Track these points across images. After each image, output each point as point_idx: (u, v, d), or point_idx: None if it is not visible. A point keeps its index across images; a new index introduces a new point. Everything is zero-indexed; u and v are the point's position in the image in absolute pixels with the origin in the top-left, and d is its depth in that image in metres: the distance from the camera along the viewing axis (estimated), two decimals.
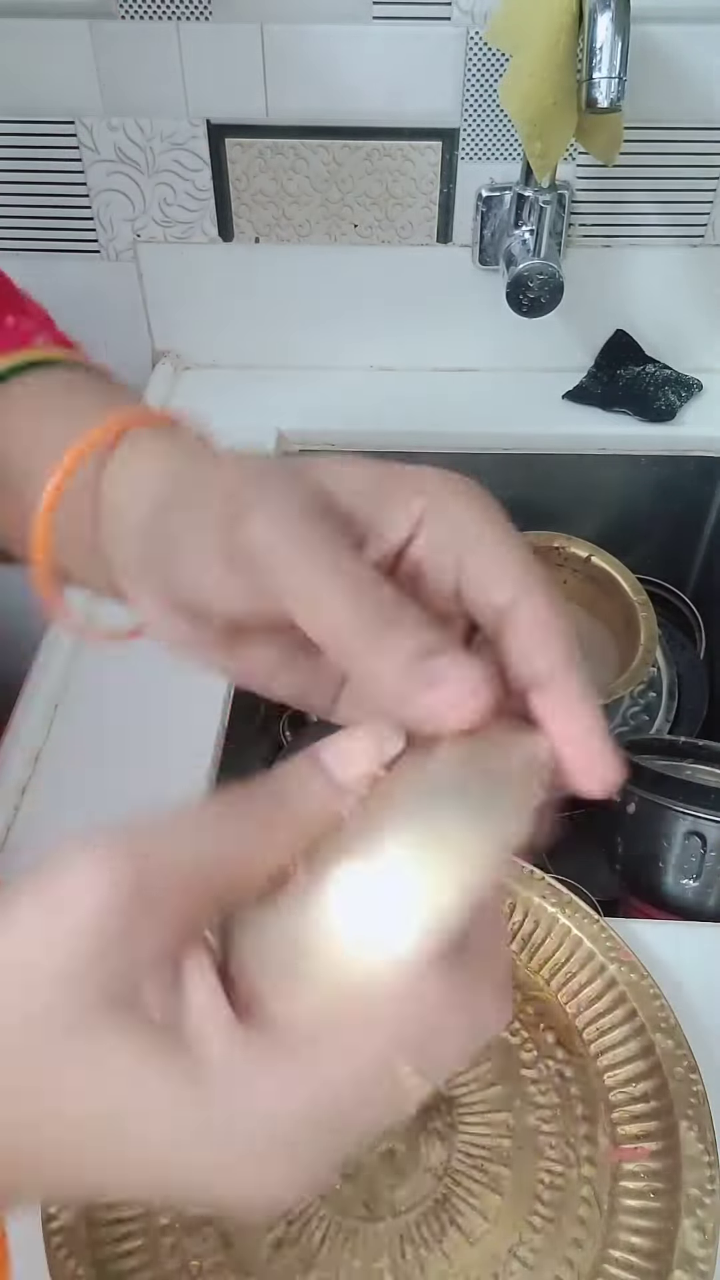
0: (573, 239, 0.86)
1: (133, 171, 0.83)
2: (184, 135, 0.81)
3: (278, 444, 0.88)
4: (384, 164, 0.82)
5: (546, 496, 0.93)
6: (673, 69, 0.76)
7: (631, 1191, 0.45)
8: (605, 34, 0.62)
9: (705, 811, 0.60)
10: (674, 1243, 0.42)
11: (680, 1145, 0.44)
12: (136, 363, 0.95)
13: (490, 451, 0.91)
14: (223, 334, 0.94)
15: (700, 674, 0.91)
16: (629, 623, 0.77)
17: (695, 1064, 0.47)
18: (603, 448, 0.90)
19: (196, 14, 0.75)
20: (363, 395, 0.92)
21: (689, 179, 0.82)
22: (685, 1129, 0.45)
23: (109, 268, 0.89)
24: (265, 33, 0.75)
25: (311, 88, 0.78)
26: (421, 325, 0.92)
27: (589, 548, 0.80)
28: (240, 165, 0.82)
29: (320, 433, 0.90)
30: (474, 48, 0.76)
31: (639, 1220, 0.44)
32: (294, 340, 0.94)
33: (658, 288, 0.89)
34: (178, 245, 0.87)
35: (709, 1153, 0.44)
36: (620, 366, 0.92)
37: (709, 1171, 0.43)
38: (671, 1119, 0.45)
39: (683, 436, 0.90)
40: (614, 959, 0.50)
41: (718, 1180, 0.43)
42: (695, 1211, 0.42)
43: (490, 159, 0.81)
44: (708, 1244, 0.41)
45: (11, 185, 0.84)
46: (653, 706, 0.85)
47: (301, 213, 0.85)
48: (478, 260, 0.87)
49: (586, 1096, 0.48)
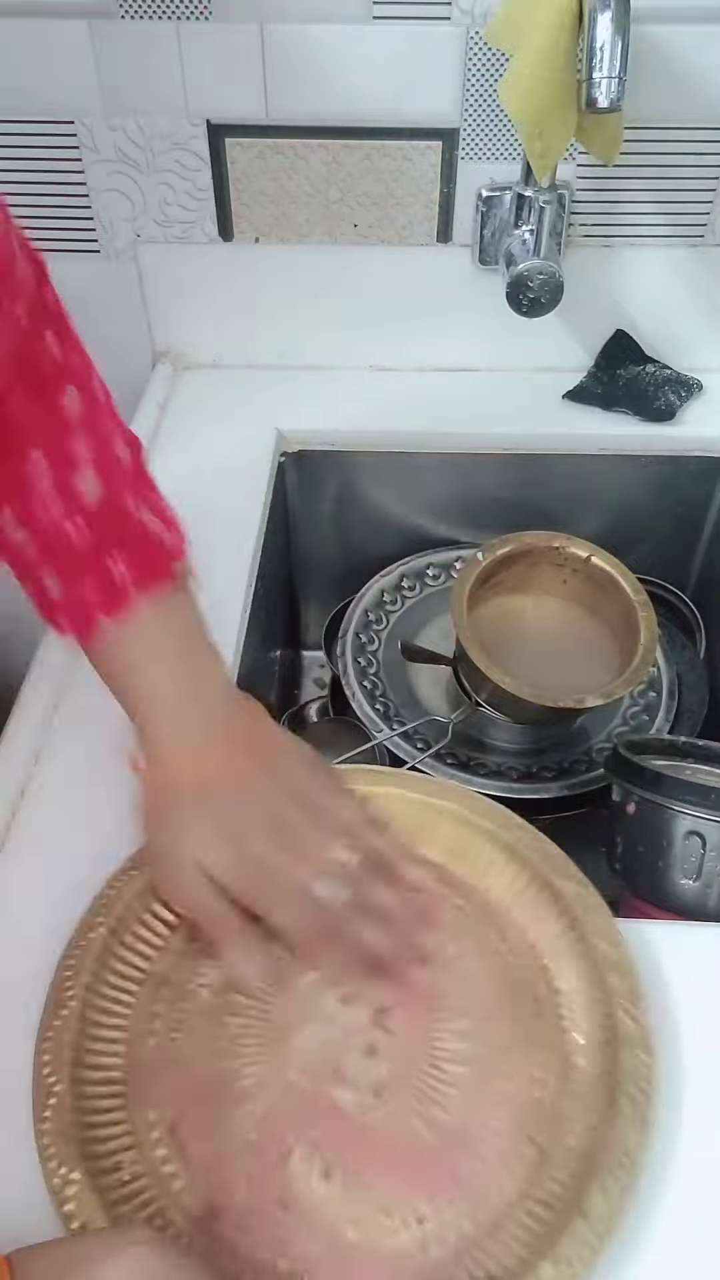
0: (573, 239, 0.86)
1: (133, 171, 0.83)
2: (184, 135, 0.81)
3: (277, 444, 0.88)
4: (384, 164, 0.82)
5: (546, 496, 0.93)
6: (673, 69, 0.76)
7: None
8: (605, 34, 0.62)
9: (705, 811, 0.60)
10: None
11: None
12: (136, 363, 0.95)
13: (490, 451, 0.91)
14: (223, 334, 0.94)
15: (700, 674, 0.91)
16: (629, 623, 0.76)
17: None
18: (603, 448, 0.90)
19: (196, 14, 0.75)
20: (363, 395, 0.92)
21: (689, 179, 0.82)
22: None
23: (109, 267, 0.89)
24: (265, 33, 0.75)
25: (311, 88, 0.78)
26: (421, 325, 0.92)
27: (589, 548, 0.80)
28: (240, 165, 0.82)
29: (320, 433, 0.90)
30: (474, 48, 0.76)
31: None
32: (294, 340, 0.94)
33: (658, 288, 0.89)
34: (178, 245, 0.87)
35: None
36: (620, 366, 0.92)
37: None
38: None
39: (683, 436, 0.90)
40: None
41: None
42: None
43: (490, 159, 0.81)
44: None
45: (11, 185, 0.84)
46: (653, 706, 0.85)
47: (301, 213, 0.85)
48: (478, 260, 0.87)
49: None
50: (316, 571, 1.01)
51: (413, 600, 0.93)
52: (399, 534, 0.96)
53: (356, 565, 0.95)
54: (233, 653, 0.69)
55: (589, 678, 0.76)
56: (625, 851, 0.64)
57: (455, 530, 0.96)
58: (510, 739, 0.83)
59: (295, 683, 1.06)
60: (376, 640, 0.89)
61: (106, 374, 0.55)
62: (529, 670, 0.74)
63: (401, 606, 0.92)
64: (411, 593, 0.93)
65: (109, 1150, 0.43)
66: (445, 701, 0.87)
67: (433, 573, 0.95)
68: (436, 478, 0.93)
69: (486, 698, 0.79)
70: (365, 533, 0.97)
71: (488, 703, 0.79)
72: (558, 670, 0.78)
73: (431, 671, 0.88)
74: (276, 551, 0.90)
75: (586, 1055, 0.47)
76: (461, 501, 0.95)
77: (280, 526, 0.92)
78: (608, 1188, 0.41)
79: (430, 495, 0.94)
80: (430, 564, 0.95)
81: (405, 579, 0.93)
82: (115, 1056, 0.46)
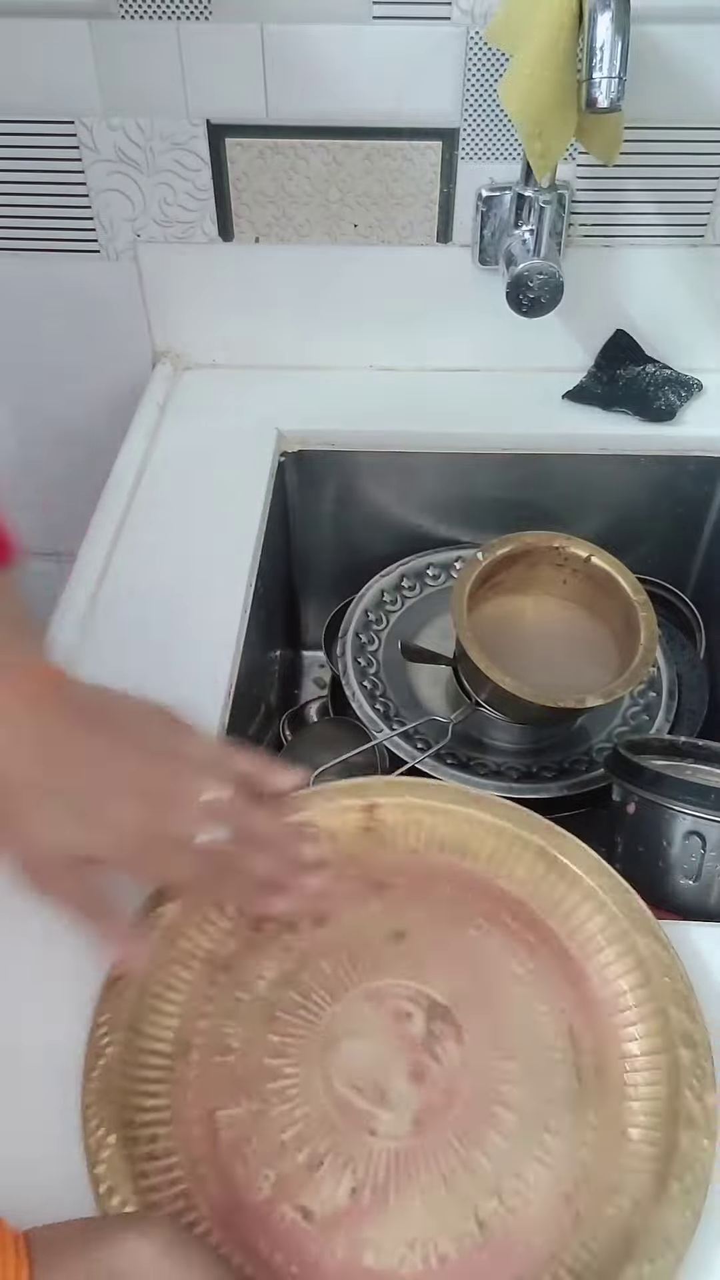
0: (573, 239, 0.86)
1: (133, 171, 0.83)
2: (184, 135, 0.81)
3: (277, 444, 0.88)
4: (384, 164, 0.82)
5: (546, 496, 0.93)
6: (673, 69, 0.76)
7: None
8: (605, 34, 0.62)
9: (705, 811, 0.60)
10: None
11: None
12: (136, 363, 0.95)
13: (490, 451, 0.91)
14: (223, 334, 0.94)
15: (700, 674, 0.91)
16: (629, 623, 0.76)
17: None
18: (603, 448, 0.90)
19: (196, 14, 0.75)
20: (363, 395, 0.92)
21: (689, 179, 0.82)
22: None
23: (109, 268, 0.89)
24: (265, 33, 0.75)
25: (311, 88, 0.78)
26: (421, 325, 0.92)
27: (589, 548, 0.80)
28: (240, 165, 0.82)
29: (320, 433, 0.90)
30: (474, 48, 0.76)
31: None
32: (294, 340, 0.94)
33: (658, 288, 0.89)
34: (178, 245, 0.87)
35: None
36: (620, 366, 0.92)
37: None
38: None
39: (683, 436, 0.90)
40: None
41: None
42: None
43: (490, 159, 0.81)
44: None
45: (11, 185, 0.84)
46: (653, 706, 0.85)
47: (301, 213, 0.85)
48: (478, 260, 0.87)
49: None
50: (316, 571, 1.01)
51: (413, 600, 0.93)
52: (399, 534, 0.96)
53: (356, 565, 0.95)
54: (233, 653, 0.69)
55: (589, 678, 0.76)
56: (625, 851, 0.64)
57: (455, 530, 0.96)
58: (510, 739, 0.83)
59: (295, 683, 1.06)
60: (376, 640, 0.89)
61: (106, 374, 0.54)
62: (529, 670, 0.74)
63: (401, 606, 0.92)
64: (411, 593, 0.93)
65: (146, 1121, 0.44)
66: (445, 701, 0.87)
67: (433, 573, 0.95)
68: (436, 478, 0.93)
69: (486, 698, 0.79)
70: (365, 533, 0.97)
71: (488, 703, 0.79)
72: (558, 670, 0.78)
73: (431, 671, 0.88)
74: (276, 551, 0.90)
75: (643, 1128, 0.45)
76: (461, 501, 0.94)
77: (280, 526, 0.92)
78: (644, 1274, 0.39)
79: (430, 495, 0.94)
80: (430, 564, 0.95)
81: (405, 579, 0.93)
82: (168, 1030, 0.47)
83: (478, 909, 0.53)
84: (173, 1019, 0.47)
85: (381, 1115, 0.45)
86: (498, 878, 0.54)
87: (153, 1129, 0.44)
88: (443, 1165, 0.44)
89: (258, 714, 0.83)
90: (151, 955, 0.48)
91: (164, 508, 0.80)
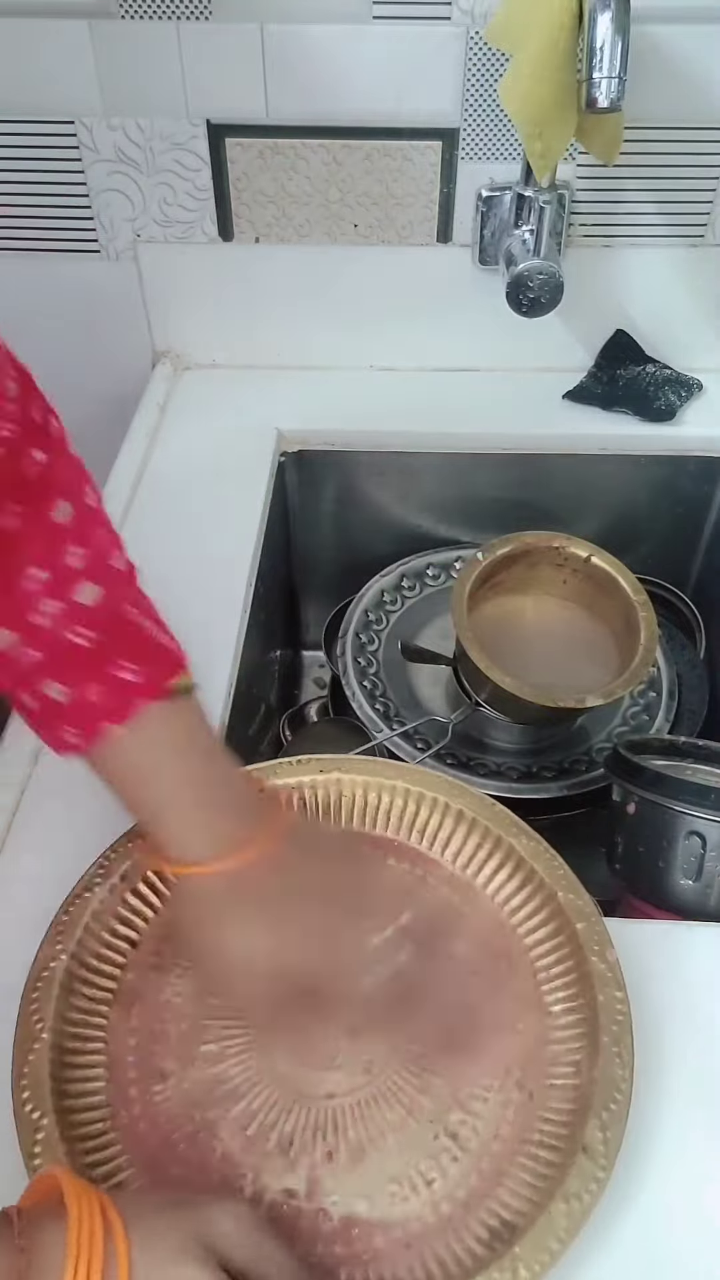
0: (573, 239, 0.86)
1: (133, 171, 0.83)
2: (184, 135, 0.81)
3: (278, 444, 0.88)
4: (384, 164, 0.82)
5: (546, 496, 0.93)
6: (673, 69, 0.76)
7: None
8: (605, 34, 0.62)
9: (705, 811, 0.60)
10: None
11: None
12: (136, 363, 0.95)
13: (490, 451, 0.91)
14: (223, 334, 0.94)
15: (700, 674, 0.91)
16: (629, 623, 0.76)
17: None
18: (603, 448, 0.90)
19: (196, 14, 0.75)
20: (363, 395, 0.92)
21: (689, 179, 0.82)
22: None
23: (109, 268, 0.89)
24: (265, 33, 0.75)
25: (311, 88, 0.78)
26: (421, 325, 0.92)
27: (589, 548, 0.80)
28: (240, 165, 0.82)
29: (320, 433, 0.90)
30: (474, 48, 0.76)
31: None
32: (294, 340, 0.94)
33: (658, 288, 0.89)
34: (178, 245, 0.87)
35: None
36: (620, 366, 0.92)
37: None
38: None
39: (683, 436, 0.90)
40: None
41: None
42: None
43: (490, 159, 0.81)
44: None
45: (11, 185, 0.84)
46: (653, 706, 0.85)
47: (301, 213, 0.85)
48: (478, 260, 0.87)
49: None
50: (316, 571, 1.01)
51: (413, 600, 0.93)
52: (399, 534, 0.96)
53: (356, 565, 0.95)
54: (233, 653, 0.69)
55: (589, 678, 0.76)
56: (625, 851, 0.64)
57: (455, 530, 0.96)
58: (510, 739, 0.83)
59: (295, 683, 1.06)
60: (376, 640, 0.89)
61: (106, 374, 0.55)
62: (529, 670, 0.74)
63: (401, 606, 0.92)
64: (411, 593, 0.93)
65: (108, 1172, 0.43)
66: (445, 701, 0.87)
67: (433, 573, 0.95)
68: (436, 478, 0.93)
69: (486, 698, 0.79)
70: (365, 533, 0.97)
71: (488, 703, 0.79)
72: (558, 670, 0.78)
73: (431, 671, 0.88)
74: (276, 551, 0.90)
75: (563, 1001, 0.48)
76: (461, 501, 0.95)
77: (280, 526, 0.92)
78: (604, 1122, 0.43)
79: (430, 495, 0.94)
80: (430, 564, 0.95)
81: (405, 579, 0.93)
82: (98, 1081, 0.46)
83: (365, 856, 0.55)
84: (98, 1069, 0.47)
85: (334, 1078, 0.47)
86: (373, 828, 0.56)
87: (116, 1177, 0.43)
88: (402, 1099, 0.46)
89: (258, 714, 0.83)
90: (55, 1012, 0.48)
91: (164, 508, 0.80)
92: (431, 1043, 0.48)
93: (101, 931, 0.50)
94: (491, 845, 0.54)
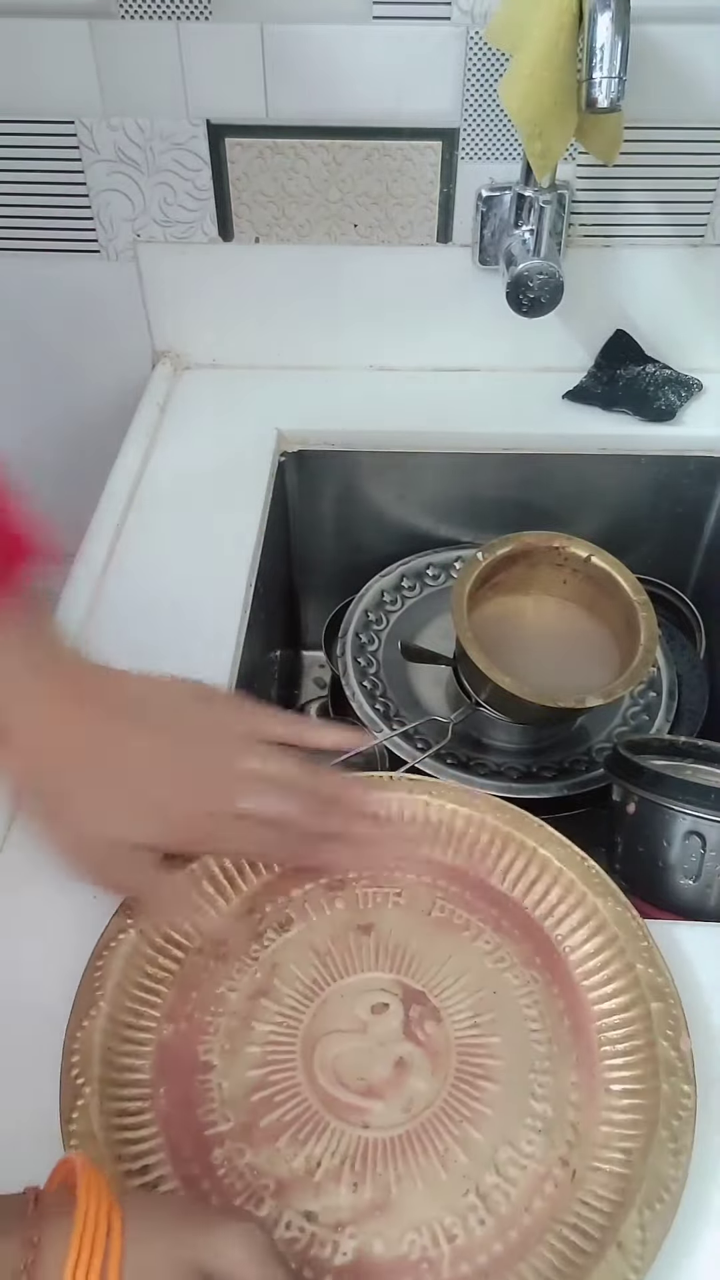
0: (573, 239, 0.86)
1: (133, 171, 0.83)
2: (184, 135, 0.81)
3: (278, 444, 0.88)
4: (384, 164, 0.82)
5: (546, 496, 0.93)
6: (673, 69, 0.76)
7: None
8: (605, 34, 0.62)
9: (705, 811, 0.60)
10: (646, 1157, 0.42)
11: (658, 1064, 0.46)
12: (136, 363, 0.95)
13: (490, 451, 0.91)
14: (223, 334, 0.94)
15: (700, 674, 0.91)
16: (629, 623, 0.76)
17: (675, 992, 0.48)
18: (603, 448, 0.90)
19: (196, 14, 0.75)
20: (363, 395, 0.92)
21: (689, 179, 0.82)
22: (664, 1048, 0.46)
23: (109, 268, 0.89)
24: (265, 33, 0.75)
25: (311, 88, 0.78)
26: (421, 325, 0.92)
27: (589, 548, 0.80)
28: (240, 165, 0.82)
29: (320, 433, 0.90)
30: (474, 48, 0.76)
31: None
32: (294, 340, 0.94)
33: (658, 288, 0.89)
34: (178, 245, 0.87)
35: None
36: (620, 366, 0.92)
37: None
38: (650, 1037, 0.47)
39: (683, 436, 0.90)
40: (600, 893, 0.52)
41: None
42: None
43: (490, 159, 0.81)
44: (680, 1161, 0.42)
45: (11, 185, 0.84)
46: (653, 706, 0.85)
47: (301, 213, 0.85)
48: (478, 260, 0.87)
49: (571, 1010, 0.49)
50: (316, 571, 1.01)
51: (413, 600, 0.93)
52: (399, 534, 0.96)
53: (356, 565, 0.95)
54: (233, 653, 0.69)
55: (589, 678, 0.76)
56: (625, 851, 0.64)
57: (455, 530, 0.96)
58: (510, 739, 0.83)
59: (295, 683, 1.06)
60: (376, 640, 0.89)
61: (106, 374, 0.55)
62: (529, 670, 0.74)
63: (401, 606, 0.92)
64: (411, 593, 0.93)
65: (137, 1154, 0.43)
66: (445, 701, 0.87)
67: (433, 573, 0.95)
68: (436, 478, 0.93)
69: (486, 698, 0.79)
70: (365, 533, 0.97)
71: (488, 703, 0.79)
72: (558, 670, 0.78)
73: (431, 671, 0.88)
74: (276, 551, 0.90)
75: (625, 1083, 0.46)
76: (461, 501, 0.95)
77: (280, 526, 0.92)
78: (645, 1220, 0.40)
79: (430, 495, 0.94)
80: (430, 564, 0.95)
81: (405, 579, 0.94)
82: (144, 1059, 0.46)
83: (437, 891, 0.54)
84: (147, 1047, 0.47)
85: (372, 1108, 0.45)
86: (452, 858, 0.55)
87: (144, 1160, 0.43)
88: (438, 1146, 0.44)
89: None
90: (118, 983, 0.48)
91: (164, 507, 0.80)
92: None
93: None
94: (575, 900, 0.52)
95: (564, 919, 0.52)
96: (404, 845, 0.54)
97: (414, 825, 0.56)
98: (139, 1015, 0.47)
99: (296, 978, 0.50)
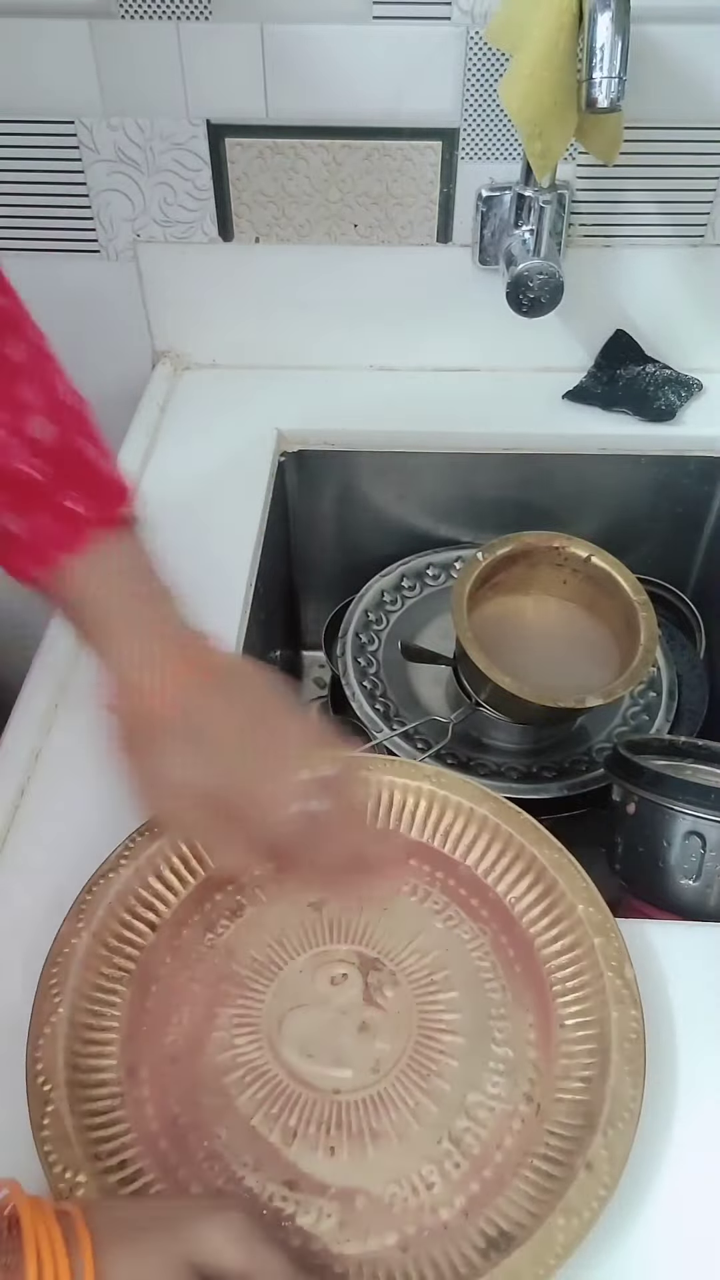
0: (573, 239, 0.86)
1: (133, 171, 0.83)
2: (184, 135, 0.81)
3: (278, 444, 0.88)
4: (384, 164, 0.82)
5: (546, 496, 0.93)
6: (673, 69, 0.76)
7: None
8: (605, 34, 0.62)
9: (705, 811, 0.60)
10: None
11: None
12: (136, 363, 0.95)
13: (490, 451, 0.91)
14: (223, 334, 0.94)
15: (700, 674, 0.91)
16: (629, 623, 0.76)
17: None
18: (603, 448, 0.90)
19: (196, 14, 0.75)
20: (363, 395, 0.92)
21: (689, 179, 0.82)
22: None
23: (109, 268, 0.89)
24: (265, 33, 0.75)
25: (311, 88, 0.78)
26: (421, 325, 0.92)
27: (589, 548, 0.80)
28: (240, 165, 0.82)
29: (320, 433, 0.90)
30: (474, 48, 0.76)
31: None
32: (294, 340, 0.94)
33: (658, 288, 0.89)
34: (178, 245, 0.87)
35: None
36: (620, 366, 0.92)
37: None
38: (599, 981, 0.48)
39: (683, 436, 0.90)
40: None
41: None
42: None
43: (490, 159, 0.81)
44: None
45: (11, 185, 0.84)
46: (653, 706, 0.85)
47: (301, 213, 0.85)
48: (478, 260, 0.87)
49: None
50: (316, 571, 1.01)
51: (413, 600, 0.93)
52: (399, 534, 0.96)
53: (356, 565, 0.95)
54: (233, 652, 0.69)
55: (589, 678, 0.76)
56: (625, 851, 0.64)
57: (455, 530, 0.96)
58: (510, 739, 0.83)
59: (295, 683, 1.06)
60: (376, 640, 0.89)
61: (106, 374, 0.55)
62: (529, 670, 0.74)
63: (401, 606, 0.93)
64: (411, 593, 0.93)
65: (112, 1149, 0.44)
66: (445, 701, 0.87)
67: (433, 573, 0.95)
68: (436, 478, 0.93)
69: (486, 698, 0.79)
70: (365, 533, 0.97)
71: (488, 703, 0.79)
72: (558, 670, 0.78)
73: (431, 671, 0.88)
74: (276, 551, 0.90)
75: (577, 1016, 0.48)
76: (461, 501, 0.95)
77: (280, 526, 0.92)
78: (610, 1140, 0.43)
79: (430, 495, 0.94)
80: (430, 564, 0.95)
81: (405, 579, 0.94)
82: (109, 1059, 0.47)
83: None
84: (111, 1045, 0.47)
85: (341, 1074, 0.47)
86: (392, 826, 0.56)
87: (120, 1155, 0.43)
88: (409, 1101, 0.46)
89: None
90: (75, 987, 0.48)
91: (164, 507, 0.80)
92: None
93: (123, 912, 0.51)
94: (514, 853, 0.54)
95: (505, 872, 0.54)
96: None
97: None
98: (100, 1016, 0.48)
99: (254, 960, 0.51)
